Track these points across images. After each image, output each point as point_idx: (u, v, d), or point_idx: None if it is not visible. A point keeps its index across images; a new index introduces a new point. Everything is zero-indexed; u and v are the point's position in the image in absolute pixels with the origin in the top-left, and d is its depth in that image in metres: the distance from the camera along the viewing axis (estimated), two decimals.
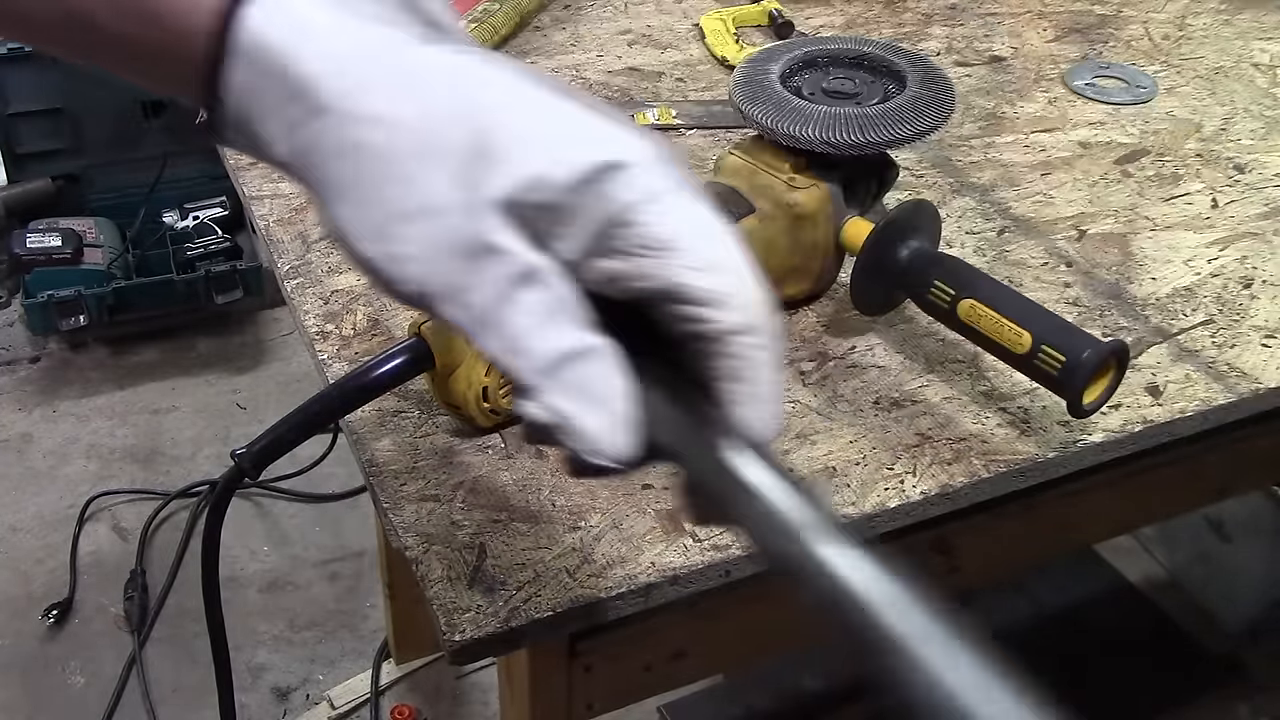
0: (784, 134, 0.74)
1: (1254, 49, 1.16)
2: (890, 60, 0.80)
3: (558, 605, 0.60)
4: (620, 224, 0.38)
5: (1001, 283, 0.72)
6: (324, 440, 1.94)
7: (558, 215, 0.38)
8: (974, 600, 1.77)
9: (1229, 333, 0.79)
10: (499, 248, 0.37)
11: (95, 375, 2.22)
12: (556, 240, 0.38)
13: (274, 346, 2.30)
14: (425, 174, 0.37)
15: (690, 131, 1.02)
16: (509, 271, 0.38)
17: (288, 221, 0.89)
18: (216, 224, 2.35)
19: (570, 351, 0.38)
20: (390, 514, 0.65)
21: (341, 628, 1.77)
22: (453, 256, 0.37)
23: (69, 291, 2.11)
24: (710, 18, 1.18)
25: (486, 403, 0.68)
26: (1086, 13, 1.23)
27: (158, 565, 1.84)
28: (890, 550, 0.36)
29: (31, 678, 1.69)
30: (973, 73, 1.12)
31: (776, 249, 0.76)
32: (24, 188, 2.33)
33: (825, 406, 0.73)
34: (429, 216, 0.37)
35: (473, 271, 0.37)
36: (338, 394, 0.64)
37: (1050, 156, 0.99)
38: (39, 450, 2.06)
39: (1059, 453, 0.70)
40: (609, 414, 0.39)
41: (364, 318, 0.79)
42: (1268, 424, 0.82)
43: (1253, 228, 0.90)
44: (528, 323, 0.38)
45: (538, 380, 0.38)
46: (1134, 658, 1.71)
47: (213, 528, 0.64)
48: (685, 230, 0.38)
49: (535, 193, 0.37)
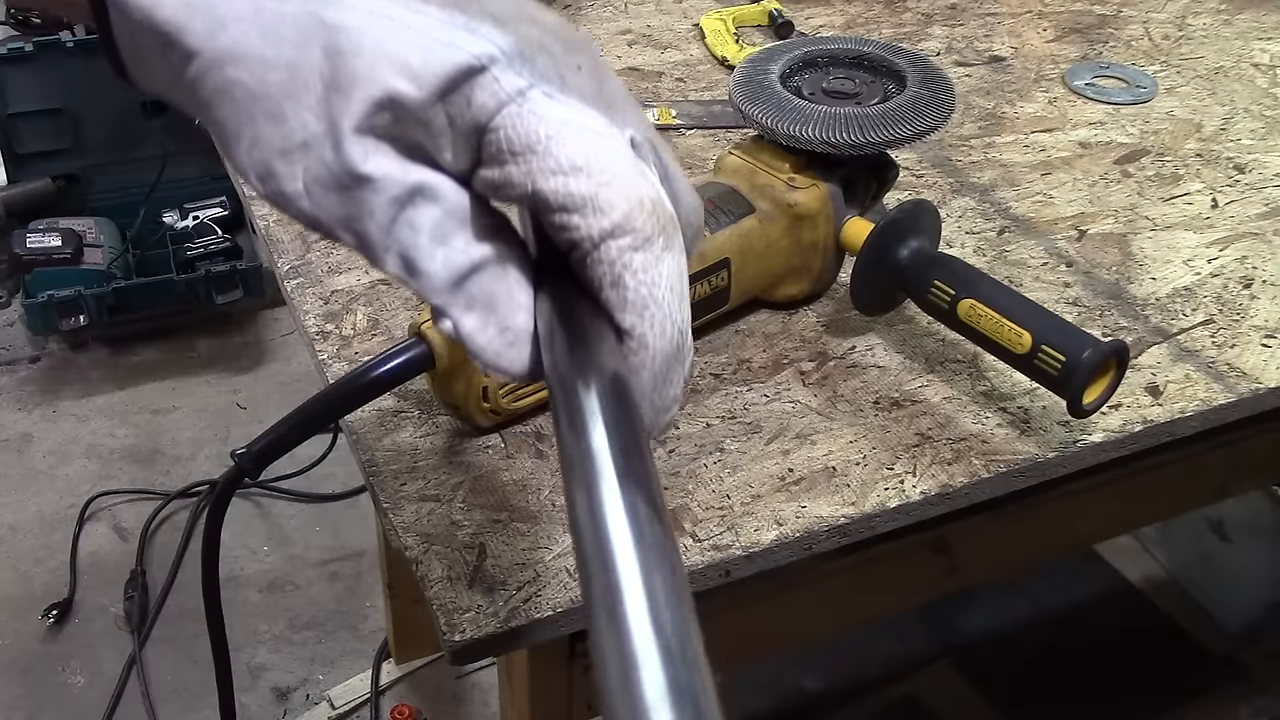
0: (784, 134, 0.74)
1: (1254, 49, 1.16)
2: (890, 60, 0.80)
3: (558, 605, 0.60)
4: (486, 131, 0.37)
5: (1001, 283, 0.72)
6: (324, 440, 1.94)
7: (429, 129, 0.37)
8: (974, 600, 1.77)
9: (1229, 333, 0.79)
10: (372, 176, 0.37)
11: (95, 375, 2.22)
12: (441, 153, 0.37)
13: (274, 346, 2.30)
14: (294, 109, 0.36)
15: (690, 131, 1.02)
16: (390, 196, 0.37)
17: (288, 221, 0.89)
18: (216, 224, 2.36)
19: (468, 265, 0.38)
20: (390, 514, 0.65)
21: (341, 628, 1.77)
22: (332, 190, 0.37)
23: (69, 291, 2.11)
24: (710, 18, 1.18)
25: (486, 403, 0.68)
26: (1086, 13, 1.23)
27: (158, 565, 1.84)
28: (890, 550, 0.36)
29: (31, 678, 1.69)
30: (973, 73, 1.12)
31: (776, 249, 0.76)
32: (24, 188, 2.33)
33: (825, 406, 0.73)
34: (304, 152, 0.37)
35: (354, 202, 0.37)
36: (338, 394, 0.64)
37: (1050, 156, 0.99)
38: (39, 450, 2.06)
39: (1059, 453, 0.70)
40: (506, 329, 0.38)
41: (364, 318, 0.79)
42: (1268, 424, 0.82)
43: (1253, 228, 0.90)
44: (420, 242, 0.37)
45: (441, 300, 0.38)
46: (1134, 658, 1.71)
47: (213, 528, 0.64)
48: (543, 132, 0.36)
49: (392, 112, 0.36)
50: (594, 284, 0.38)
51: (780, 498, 0.66)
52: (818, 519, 0.65)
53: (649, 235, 0.37)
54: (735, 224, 0.75)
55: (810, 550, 0.65)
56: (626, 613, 0.29)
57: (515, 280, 0.39)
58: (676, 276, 0.38)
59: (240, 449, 0.61)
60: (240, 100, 0.37)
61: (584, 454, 0.33)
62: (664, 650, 0.28)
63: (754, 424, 0.71)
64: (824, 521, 0.65)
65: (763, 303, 0.80)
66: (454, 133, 0.37)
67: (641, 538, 0.31)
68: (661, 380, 0.39)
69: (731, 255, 0.75)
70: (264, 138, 0.37)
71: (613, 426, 0.34)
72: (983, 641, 1.73)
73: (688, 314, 0.39)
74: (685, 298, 0.39)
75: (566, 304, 0.39)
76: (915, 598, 0.91)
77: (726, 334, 0.79)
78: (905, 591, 0.87)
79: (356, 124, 0.36)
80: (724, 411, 0.72)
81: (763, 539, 0.64)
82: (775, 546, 0.64)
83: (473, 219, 0.38)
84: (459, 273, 0.38)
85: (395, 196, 0.37)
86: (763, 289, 0.79)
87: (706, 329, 0.78)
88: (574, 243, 0.37)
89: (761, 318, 0.80)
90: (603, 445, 0.33)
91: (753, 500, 0.66)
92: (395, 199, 0.37)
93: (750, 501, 0.66)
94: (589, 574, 0.31)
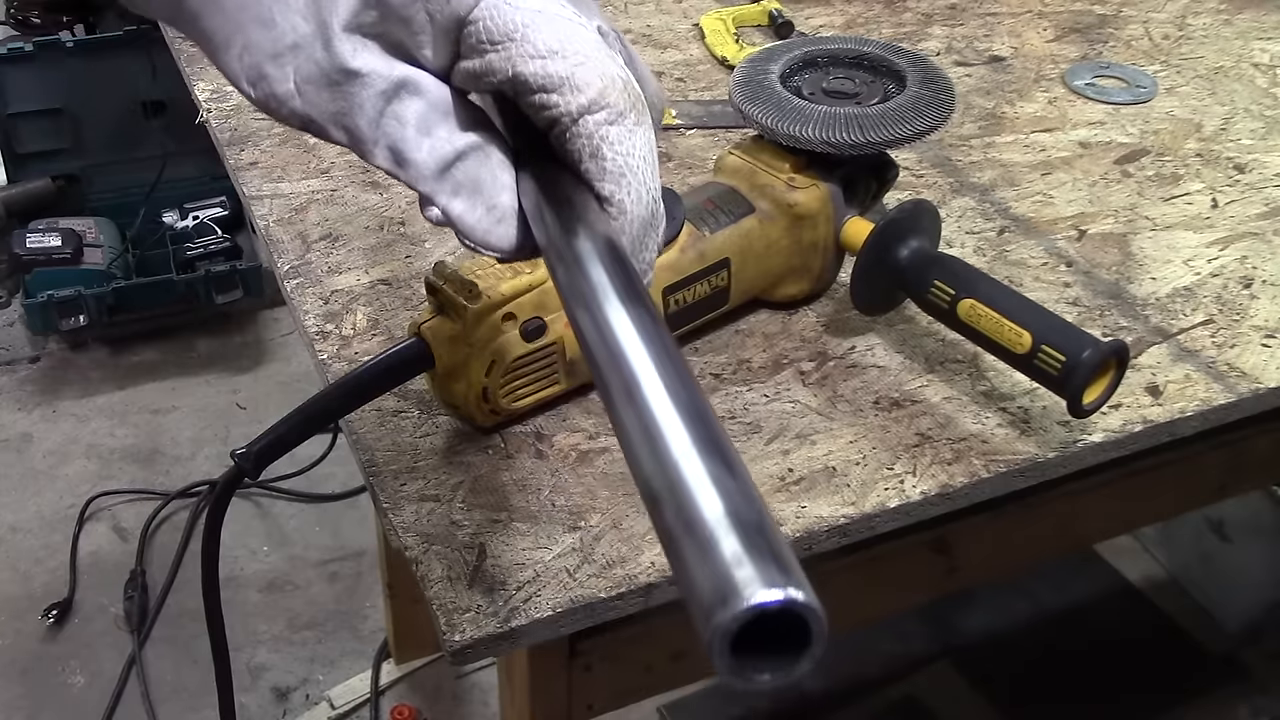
0: (784, 134, 0.74)
1: (1254, 49, 1.16)
2: (890, 60, 0.80)
3: (558, 605, 0.60)
4: (465, 24, 0.39)
5: (1001, 283, 0.72)
6: (324, 440, 1.94)
7: (410, 26, 0.39)
8: (974, 600, 1.77)
9: (1229, 333, 0.79)
10: (360, 71, 0.39)
11: (95, 375, 2.22)
12: (421, 50, 0.40)
13: (274, 346, 2.30)
14: (283, 13, 0.39)
15: (690, 131, 1.02)
16: (377, 90, 0.40)
17: (288, 221, 0.89)
18: (216, 224, 2.36)
19: (453, 154, 0.41)
20: (390, 514, 0.65)
21: (341, 628, 1.77)
22: (322, 87, 0.40)
23: (69, 291, 2.11)
24: (710, 18, 1.18)
25: (486, 403, 0.68)
26: (1086, 13, 1.23)
27: (158, 565, 1.85)
28: (890, 550, 0.36)
29: (31, 678, 1.69)
30: (973, 73, 1.12)
31: (776, 249, 0.77)
32: (24, 188, 2.33)
33: (825, 406, 0.73)
34: (294, 53, 0.39)
35: (344, 97, 0.40)
36: (338, 394, 0.64)
37: (1050, 156, 0.99)
38: (39, 450, 2.06)
39: (1059, 453, 0.70)
40: (493, 208, 0.42)
41: (364, 318, 0.79)
42: (1268, 424, 0.82)
43: (1253, 228, 0.90)
44: (407, 134, 0.40)
45: (429, 187, 0.41)
46: (1134, 658, 1.71)
47: (213, 528, 0.64)
48: (519, 21, 0.39)
49: (378, 9, 0.39)
50: (574, 157, 0.41)
51: (780, 498, 0.66)
52: (818, 519, 0.65)
53: (622, 110, 0.40)
54: (735, 224, 0.75)
55: (810, 550, 0.65)
56: (645, 394, 0.32)
57: (498, 163, 0.42)
58: (649, 149, 0.41)
59: (240, 449, 0.61)
60: (229, 9, 0.40)
61: (590, 287, 0.37)
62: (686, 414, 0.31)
63: (754, 424, 0.71)
64: (824, 521, 0.65)
65: (763, 303, 0.80)
66: (434, 28, 0.40)
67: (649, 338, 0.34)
68: (639, 244, 0.42)
69: (731, 255, 0.75)
70: (254, 43, 0.40)
71: (611, 267, 0.37)
72: (983, 641, 1.73)
73: (659, 184, 0.42)
74: (656, 169, 0.42)
75: (549, 180, 0.41)
76: (915, 598, 0.91)
77: (726, 334, 0.79)
78: (905, 591, 0.87)
79: (345, 22, 0.39)
80: (724, 411, 0.72)
81: None
82: None
83: (454, 110, 0.41)
84: (444, 160, 0.41)
85: (382, 91, 0.40)
86: (763, 289, 0.79)
87: (706, 329, 0.78)
88: (554, 120, 0.40)
89: (761, 318, 0.80)
90: (603, 278, 0.37)
91: None
92: (382, 93, 0.40)
93: None
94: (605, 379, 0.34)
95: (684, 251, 0.73)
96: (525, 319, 0.67)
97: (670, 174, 0.96)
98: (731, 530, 0.28)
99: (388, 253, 0.86)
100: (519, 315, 0.67)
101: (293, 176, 0.94)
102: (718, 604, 0.27)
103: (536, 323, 0.68)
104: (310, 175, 0.94)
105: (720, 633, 0.27)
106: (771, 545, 0.28)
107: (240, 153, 0.96)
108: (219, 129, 1.00)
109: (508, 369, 0.67)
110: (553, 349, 0.69)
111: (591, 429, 0.71)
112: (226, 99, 1.04)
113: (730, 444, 0.31)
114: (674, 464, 0.30)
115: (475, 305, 0.65)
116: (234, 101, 1.04)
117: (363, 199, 0.92)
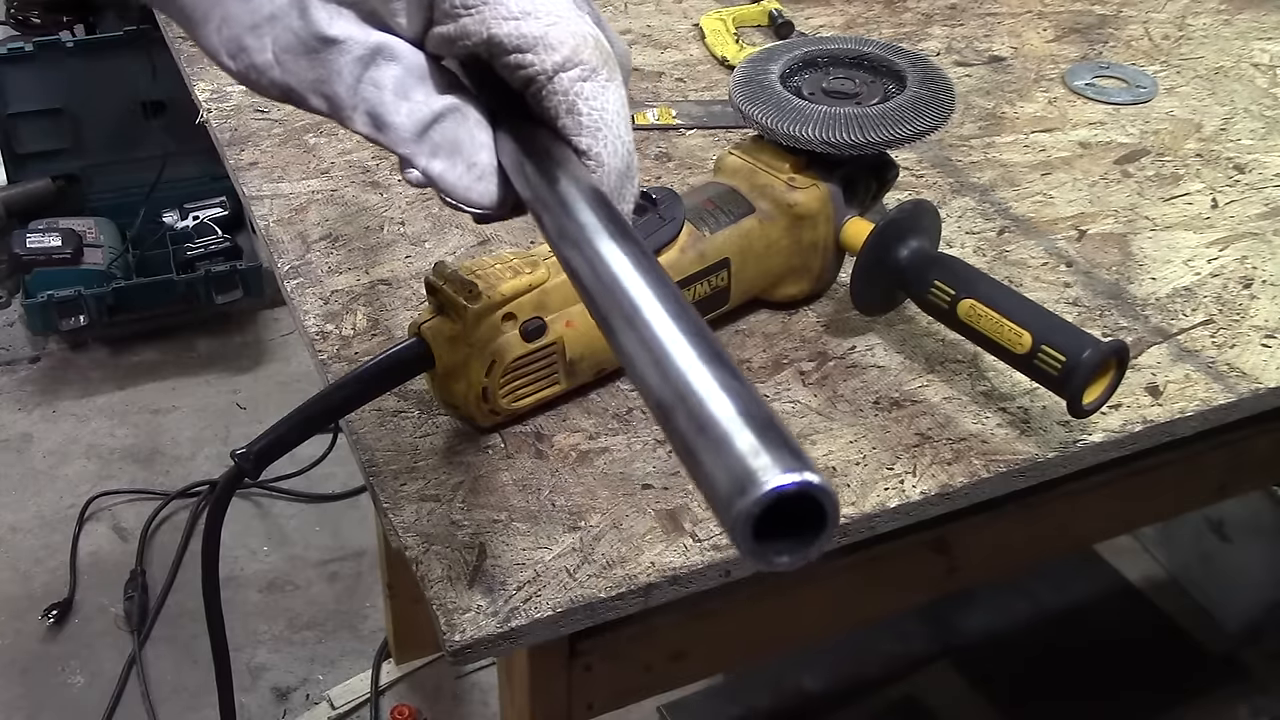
0: (784, 134, 0.74)
1: (1254, 49, 1.16)
2: (890, 60, 0.80)
3: (558, 605, 0.60)
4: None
5: (1001, 283, 0.72)
6: (324, 440, 1.94)
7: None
8: (974, 600, 1.77)
9: (1229, 333, 0.79)
10: (338, 38, 0.41)
11: (95, 375, 2.22)
12: (395, 16, 0.42)
13: (274, 346, 2.30)
14: None
15: (690, 131, 1.02)
16: (355, 56, 0.41)
17: (288, 221, 0.89)
18: (216, 224, 2.36)
19: (430, 115, 0.42)
20: (390, 514, 0.65)
21: (341, 628, 1.77)
22: (301, 55, 0.41)
23: (69, 291, 2.11)
24: (710, 18, 1.18)
25: (486, 403, 0.68)
26: (1086, 13, 1.23)
27: (158, 565, 1.85)
28: (890, 550, 0.36)
29: (31, 678, 1.69)
30: (973, 73, 1.12)
31: (776, 249, 0.76)
32: (24, 188, 2.33)
33: (825, 406, 0.73)
34: (271, 24, 0.41)
35: (323, 64, 0.41)
36: (338, 394, 0.64)
37: (1050, 156, 0.99)
38: (39, 450, 2.06)
39: (1059, 453, 0.70)
40: (473, 166, 0.43)
41: (364, 318, 0.79)
42: (1268, 424, 0.82)
43: (1253, 228, 0.90)
44: (385, 98, 0.42)
45: (408, 149, 0.42)
46: (1134, 658, 1.71)
47: (213, 528, 0.64)
48: None
49: None
50: (551, 114, 0.42)
51: None
52: None
53: (595, 66, 0.42)
54: (735, 224, 0.75)
55: None
56: (647, 317, 0.34)
57: (475, 123, 0.43)
58: (621, 104, 0.43)
59: (240, 449, 0.61)
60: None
61: (580, 228, 0.38)
62: (688, 331, 0.33)
63: None
64: None
65: (763, 303, 0.80)
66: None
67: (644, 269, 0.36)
68: (618, 195, 0.44)
69: (731, 255, 0.75)
70: (233, 15, 0.41)
71: (598, 209, 0.39)
72: (983, 641, 1.73)
73: (632, 137, 0.44)
74: (629, 123, 0.44)
75: (527, 137, 0.43)
76: (915, 598, 0.91)
77: (726, 334, 0.79)
78: (905, 591, 0.87)
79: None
80: None
81: None
82: None
83: (430, 74, 0.42)
84: (423, 122, 0.42)
85: (359, 57, 0.41)
86: (763, 289, 0.79)
87: None
88: (529, 79, 0.42)
89: (761, 318, 0.80)
90: (592, 219, 0.39)
91: None
92: (359, 59, 0.41)
93: None
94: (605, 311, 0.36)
95: (684, 251, 0.73)
96: (525, 319, 0.67)
97: (670, 174, 0.96)
98: (745, 426, 0.30)
99: (388, 253, 0.86)
100: (519, 315, 0.67)
101: (293, 176, 0.94)
102: (737, 493, 0.29)
103: (536, 323, 0.68)
104: (310, 175, 0.94)
105: (743, 518, 0.29)
106: (784, 437, 0.30)
107: (240, 153, 0.96)
108: (219, 129, 1.00)
109: (508, 369, 0.67)
110: (553, 349, 0.69)
111: (591, 429, 0.71)
112: (227, 99, 1.04)
113: (731, 357, 0.32)
114: (681, 375, 0.32)
115: (475, 305, 0.65)
116: (234, 101, 1.04)
117: (363, 199, 0.92)
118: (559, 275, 0.68)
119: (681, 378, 0.32)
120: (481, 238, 0.87)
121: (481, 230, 0.88)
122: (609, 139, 0.42)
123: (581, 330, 0.69)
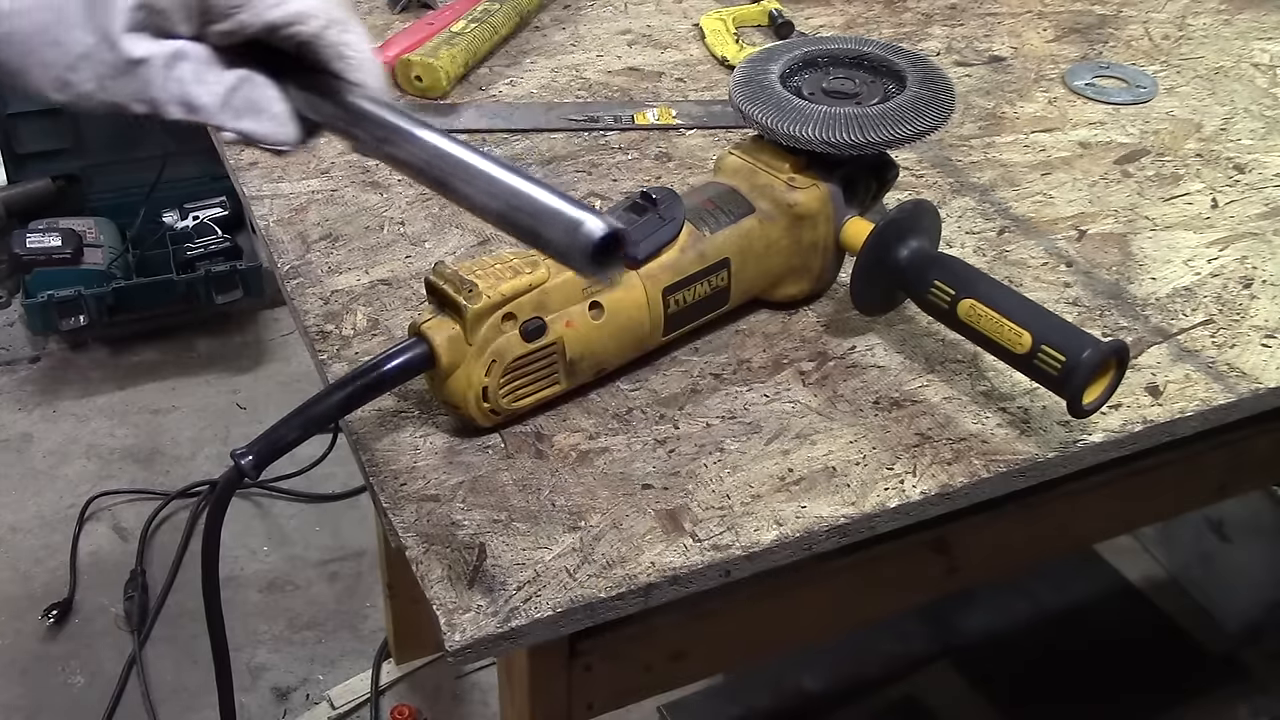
0: (784, 134, 0.74)
1: (1254, 49, 1.16)
2: (890, 60, 0.80)
3: (558, 605, 0.60)
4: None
5: (1001, 283, 0.72)
6: (324, 440, 1.94)
7: (166, 14, 0.52)
8: (974, 600, 1.77)
9: (1229, 333, 0.79)
10: (144, 57, 0.52)
11: (95, 375, 2.22)
12: (179, 26, 0.53)
13: (274, 346, 2.30)
14: (67, 34, 0.51)
15: (690, 131, 1.02)
16: (159, 65, 0.52)
17: (288, 221, 0.89)
18: (216, 224, 2.35)
19: (225, 89, 0.53)
20: (390, 514, 0.65)
21: (341, 628, 1.77)
22: (119, 77, 0.52)
23: (69, 291, 2.11)
24: (710, 18, 1.18)
25: (486, 403, 0.68)
26: (1086, 13, 1.23)
27: (158, 565, 1.84)
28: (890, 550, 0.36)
29: (31, 678, 1.69)
30: (973, 73, 1.12)
31: (776, 249, 0.77)
32: (24, 188, 2.33)
33: (825, 406, 0.73)
34: (86, 61, 0.51)
35: (137, 79, 0.52)
36: (338, 394, 0.64)
37: (1050, 156, 0.99)
38: (39, 450, 2.06)
39: (1059, 453, 0.70)
40: (274, 116, 0.55)
41: (364, 318, 0.79)
42: (1268, 424, 0.82)
43: (1253, 228, 0.90)
44: (188, 88, 0.53)
45: (218, 119, 0.54)
46: (1134, 658, 1.71)
47: (213, 528, 0.64)
48: None
49: (143, 10, 0.51)
50: (327, 63, 0.55)
51: (780, 498, 0.66)
52: (818, 519, 0.65)
53: (345, 20, 0.55)
54: (735, 224, 0.75)
55: (810, 550, 0.65)
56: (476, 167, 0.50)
57: (262, 84, 0.54)
58: (366, 39, 0.56)
59: (240, 449, 0.61)
60: (20, 43, 0.51)
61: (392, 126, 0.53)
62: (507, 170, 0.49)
63: (754, 424, 0.71)
64: (824, 521, 0.65)
65: (763, 303, 0.80)
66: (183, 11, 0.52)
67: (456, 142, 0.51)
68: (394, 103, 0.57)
69: (731, 255, 0.75)
70: (50, 60, 0.51)
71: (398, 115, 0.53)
72: (983, 641, 1.73)
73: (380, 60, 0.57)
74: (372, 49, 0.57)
75: (310, 84, 0.55)
76: (915, 598, 0.91)
77: (726, 334, 0.79)
78: (905, 591, 0.87)
79: (123, 26, 0.51)
80: (724, 411, 0.72)
81: (763, 539, 0.64)
82: (775, 546, 0.64)
83: (215, 60, 0.54)
84: (221, 96, 0.53)
85: (162, 65, 0.52)
86: (763, 289, 0.79)
87: (706, 329, 0.78)
88: (303, 42, 0.54)
89: (761, 318, 0.80)
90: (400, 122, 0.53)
91: (753, 500, 0.66)
92: (163, 66, 0.52)
93: (750, 501, 0.66)
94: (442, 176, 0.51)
95: (684, 251, 0.73)
96: (525, 319, 0.67)
97: (670, 174, 0.96)
98: (566, 204, 0.47)
99: (388, 253, 0.86)
100: (519, 315, 0.67)
101: (293, 176, 0.94)
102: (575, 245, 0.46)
103: (536, 323, 0.68)
104: (310, 175, 0.94)
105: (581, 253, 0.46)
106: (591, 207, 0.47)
107: (240, 153, 0.96)
108: None
109: (508, 369, 0.67)
110: (553, 349, 0.69)
111: (591, 429, 0.71)
112: None
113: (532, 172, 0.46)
114: (512, 189, 0.49)
115: (475, 305, 0.65)
116: None
117: (363, 199, 0.92)
118: (559, 275, 0.68)
119: (513, 190, 0.49)
120: (482, 238, 0.87)
121: (482, 230, 0.88)
122: (373, 71, 0.55)
123: (581, 330, 0.69)
